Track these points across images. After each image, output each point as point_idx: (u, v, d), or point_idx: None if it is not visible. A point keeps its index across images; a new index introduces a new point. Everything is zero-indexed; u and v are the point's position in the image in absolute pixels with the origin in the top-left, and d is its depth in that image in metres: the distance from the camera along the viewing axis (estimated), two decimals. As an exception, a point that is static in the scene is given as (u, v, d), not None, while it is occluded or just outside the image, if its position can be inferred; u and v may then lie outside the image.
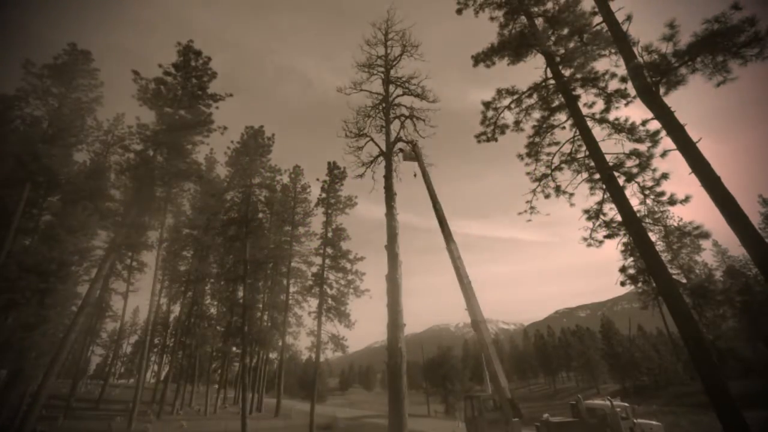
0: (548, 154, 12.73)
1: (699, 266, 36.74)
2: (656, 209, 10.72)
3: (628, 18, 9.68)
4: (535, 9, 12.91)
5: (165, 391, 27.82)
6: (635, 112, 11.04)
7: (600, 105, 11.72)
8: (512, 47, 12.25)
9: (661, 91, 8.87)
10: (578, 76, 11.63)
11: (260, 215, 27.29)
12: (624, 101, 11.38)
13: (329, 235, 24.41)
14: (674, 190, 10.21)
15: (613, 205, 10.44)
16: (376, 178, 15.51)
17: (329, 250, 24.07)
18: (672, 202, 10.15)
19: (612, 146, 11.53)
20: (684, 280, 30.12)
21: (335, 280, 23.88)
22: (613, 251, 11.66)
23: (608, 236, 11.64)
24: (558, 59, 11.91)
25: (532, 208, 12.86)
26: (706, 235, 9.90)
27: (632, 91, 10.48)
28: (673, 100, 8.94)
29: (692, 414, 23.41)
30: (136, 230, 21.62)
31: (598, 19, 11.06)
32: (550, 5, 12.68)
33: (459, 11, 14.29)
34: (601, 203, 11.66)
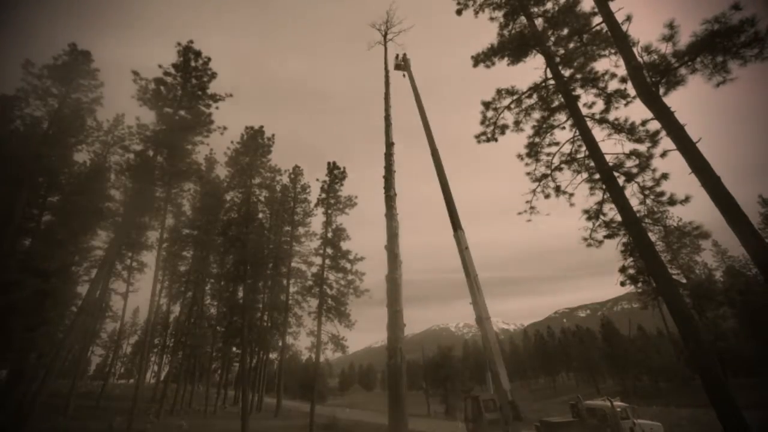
0: (548, 154, 12.73)
1: (699, 266, 36.82)
2: (656, 209, 10.72)
3: (628, 18, 9.69)
4: (535, 9, 12.93)
5: (165, 391, 27.80)
6: (635, 112, 11.05)
7: (600, 105, 11.74)
8: (512, 48, 12.26)
9: (661, 91, 8.87)
10: (578, 76, 11.64)
11: (260, 215, 27.29)
12: (624, 101, 11.39)
13: (329, 235, 24.40)
14: (674, 190, 10.20)
15: (612, 205, 10.44)
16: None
17: (329, 251, 24.05)
18: (672, 202, 10.15)
19: (612, 146, 11.58)
20: (684, 280, 30.13)
21: (335, 281, 23.86)
22: (613, 251, 11.65)
23: (608, 236, 11.63)
24: (558, 59, 11.93)
25: (532, 208, 12.86)
26: (706, 235, 9.91)
27: (632, 92, 10.49)
28: (673, 100, 8.94)
29: (692, 414, 23.39)
30: (136, 230, 21.66)
31: (597, 19, 11.09)
32: (549, 5, 12.71)
33: (459, 12, 14.32)
34: (601, 203, 11.66)
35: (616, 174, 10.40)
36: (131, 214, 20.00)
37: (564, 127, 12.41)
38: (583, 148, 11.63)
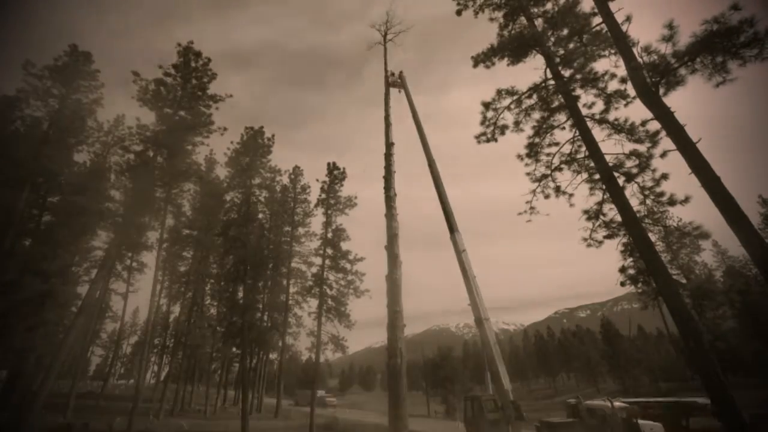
0: (548, 154, 12.74)
1: (699, 266, 36.78)
2: (656, 209, 10.73)
3: (628, 19, 9.70)
4: (535, 10, 12.94)
5: (165, 392, 27.82)
6: (635, 112, 11.05)
7: (600, 105, 11.75)
8: (512, 48, 12.27)
9: (661, 91, 8.88)
10: (578, 76, 11.65)
11: (260, 216, 27.26)
12: (624, 102, 11.40)
13: (329, 235, 24.40)
14: (674, 190, 10.21)
15: (612, 206, 10.45)
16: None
17: (329, 251, 24.05)
18: (672, 202, 10.17)
19: (612, 146, 11.58)
20: (684, 280, 30.10)
21: (335, 281, 23.85)
22: (612, 251, 11.67)
23: (608, 236, 11.64)
24: (558, 60, 11.93)
25: (532, 208, 12.87)
26: (706, 235, 9.92)
27: (632, 92, 10.50)
28: (673, 100, 8.97)
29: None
30: (136, 231, 21.64)
31: (597, 19, 11.10)
32: (549, 6, 12.73)
33: (459, 12, 14.34)
34: (600, 203, 11.67)
35: (616, 174, 10.41)
36: (131, 214, 19.98)
37: (564, 128, 12.42)
38: (583, 149, 11.64)
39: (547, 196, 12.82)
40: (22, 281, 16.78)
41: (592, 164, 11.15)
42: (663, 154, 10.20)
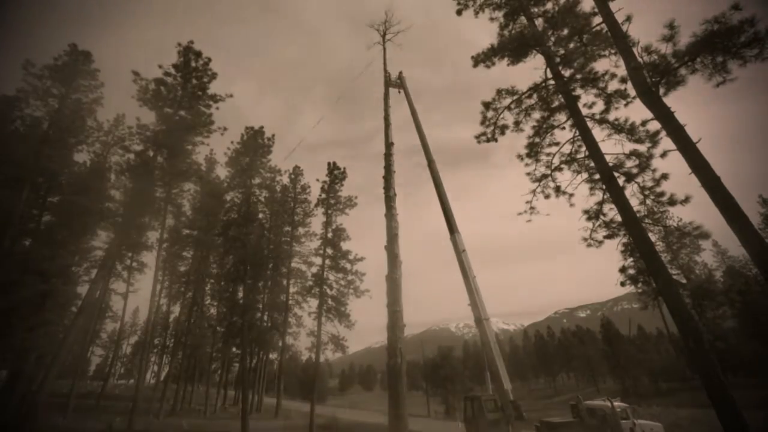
0: (548, 154, 12.74)
1: (699, 266, 36.77)
2: (656, 209, 10.73)
3: (628, 18, 9.70)
4: (535, 10, 12.94)
5: (165, 392, 27.81)
6: (635, 112, 11.05)
7: (600, 105, 11.75)
8: (512, 48, 12.26)
9: (661, 91, 8.87)
10: (578, 76, 11.64)
11: (260, 216, 27.26)
12: (624, 102, 11.40)
13: (329, 235, 24.40)
14: (674, 190, 10.21)
15: (612, 206, 10.45)
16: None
17: (329, 251, 24.06)
18: (672, 202, 10.16)
19: (612, 146, 11.58)
20: (684, 280, 30.09)
21: (335, 281, 23.86)
22: (612, 251, 11.67)
23: (608, 236, 11.64)
24: (558, 60, 11.93)
25: (532, 208, 12.87)
26: (706, 235, 9.92)
27: (632, 92, 10.50)
28: (673, 100, 8.95)
29: (692, 414, 23.38)
30: (136, 231, 21.66)
31: (597, 19, 11.09)
32: (549, 6, 12.73)
33: (459, 12, 14.33)
34: (601, 203, 11.66)
35: (616, 174, 10.40)
36: (131, 214, 19.99)
37: (564, 127, 12.42)
38: (583, 149, 11.63)
39: (547, 196, 12.82)
40: (22, 281, 16.78)
41: (592, 164, 11.14)
42: (663, 154, 10.20)
